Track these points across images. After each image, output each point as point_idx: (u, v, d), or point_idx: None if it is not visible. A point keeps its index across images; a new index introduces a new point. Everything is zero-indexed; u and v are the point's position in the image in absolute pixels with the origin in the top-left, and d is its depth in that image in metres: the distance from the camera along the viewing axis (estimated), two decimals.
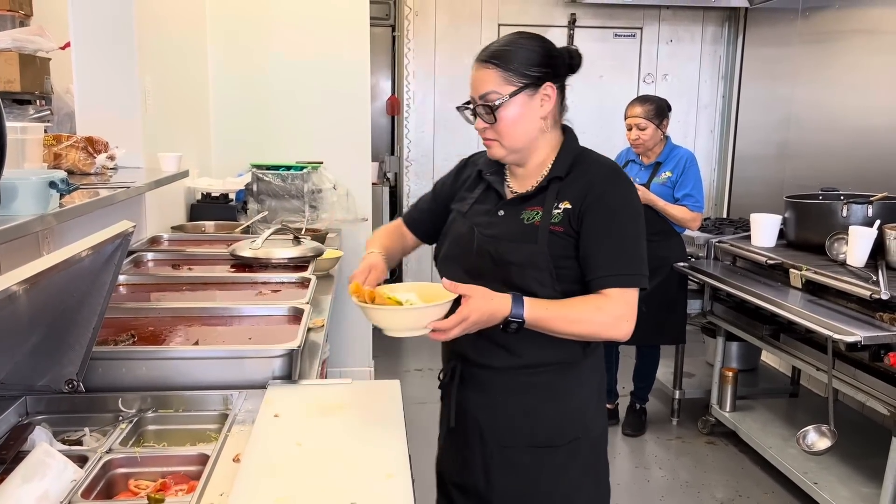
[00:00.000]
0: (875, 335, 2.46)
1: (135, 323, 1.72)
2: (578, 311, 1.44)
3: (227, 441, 1.27)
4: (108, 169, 2.44)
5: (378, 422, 1.34)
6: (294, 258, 2.41)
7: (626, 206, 1.49)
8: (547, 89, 1.51)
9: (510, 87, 1.48)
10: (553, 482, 1.57)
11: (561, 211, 1.49)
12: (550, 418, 1.56)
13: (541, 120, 1.52)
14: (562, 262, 1.47)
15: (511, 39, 1.54)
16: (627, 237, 1.48)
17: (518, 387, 1.55)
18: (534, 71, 1.50)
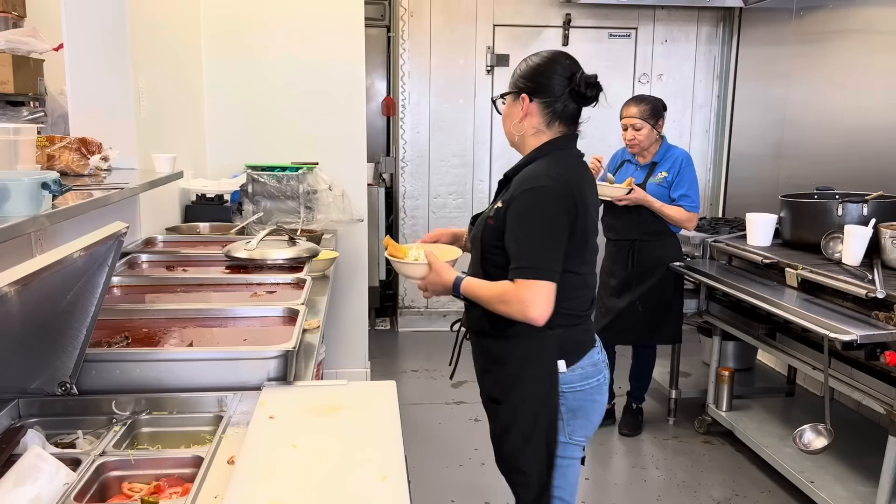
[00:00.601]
0: (871, 334, 2.46)
1: (129, 324, 1.71)
2: (490, 293, 1.78)
3: (221, 443, 1.26)
4: (101, 170, 2.42)
5: (374, 423, 1.33)
6: (289, 259, 2.40)
7: (531, 211, 1.73)
8: (524, 101, 1.81)
9: (506, 90, 1.89)
10: (499, 436, 1.94)
11: (496, 207, 1.82)
12: (493, 379, 1.92)
13: (520, 123, 1.84)
14: (491, 249, 1.82)
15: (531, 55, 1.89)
16: (533, 237, 1.73)
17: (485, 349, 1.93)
18: (519, 84, 1.84)
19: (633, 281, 3.54)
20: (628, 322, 3.58)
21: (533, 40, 5.25)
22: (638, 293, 3.54)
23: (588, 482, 3.31)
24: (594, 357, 1.89)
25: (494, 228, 1.80)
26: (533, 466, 1.87)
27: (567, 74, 1.80)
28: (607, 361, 1.96)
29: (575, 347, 1.85)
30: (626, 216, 3.52)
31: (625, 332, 3.63)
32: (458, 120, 5.27)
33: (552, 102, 1.80)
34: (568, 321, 1.81)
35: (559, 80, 1.79)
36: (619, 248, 3.59)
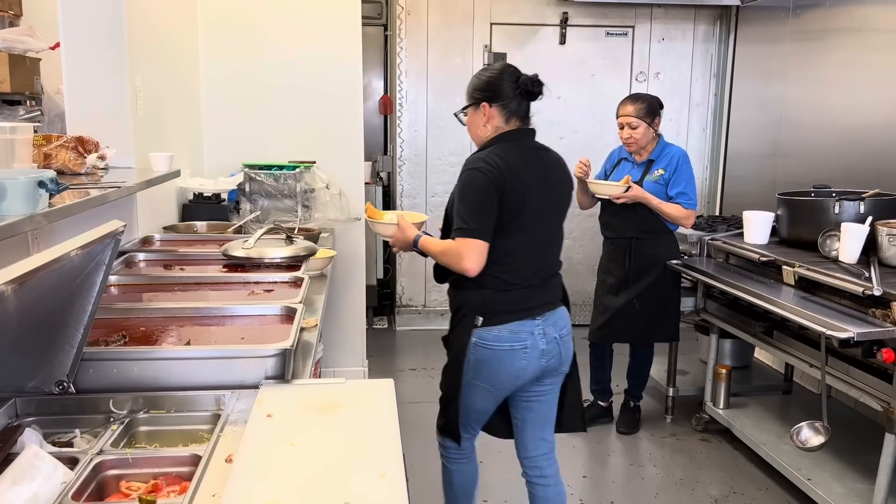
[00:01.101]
0: (868, 331, 2.46)
1: (126, 323, 1.71)
2: (437, 248, 2.19)
3: (219, 441, 1.26)
4: (98, 169, 2.42)
5: (372, 421, 1.33)
6: (287, 258, 2.40)
7: (467, 186, 2.13)
8: (484, 108, 2.20)
9: (465, 103, 2.27)
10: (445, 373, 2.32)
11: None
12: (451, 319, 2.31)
13: (484, 126, 2.23)
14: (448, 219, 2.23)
15: (478, 71, 2.31)
16: (467, 206, 2.11)
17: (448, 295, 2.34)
18: (477, 95, 2.23)
19: (631, 279, 3.55)
20: (626, 320, 3.58)
21: (530, 39, 5.26)
22: (635, 291, 3.54)
23: (586, 480, 3.31)
24: (518, 330, 2.18)
25: (451, 203, 2.22)
26: (447, 384, 2.30)
27: (514, 79, 2.21)
28: (544, 348, 2.22)
29: (497, 310, 2.17)
30: (623, 214, 3.52)
31: (622, 330, 3.63)
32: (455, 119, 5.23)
33: (508, 104, 2.21)
34: (495, 285, 2.17)
35: (509, 85, 2.20)
36: (616, 247, 3.59)
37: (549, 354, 2.23)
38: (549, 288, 2.28)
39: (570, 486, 3.25)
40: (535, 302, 2.22)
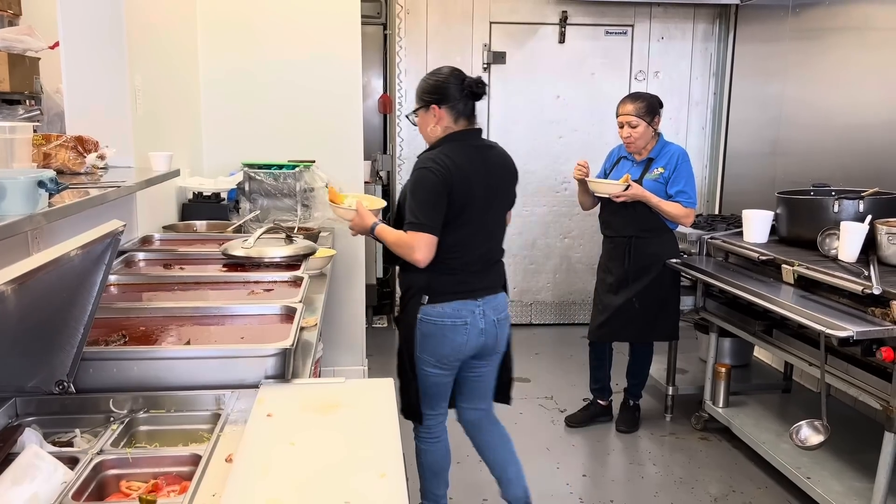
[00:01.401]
0: (867, 330, 2.46)
1: (126, 323, 1.71)
2: (392, 238, 2.37)
3: (219, 441, 1.26)
4: (98, 168, 2.42)
5: (372, 421, 1.33)
6: (286, 257, 2.41)
7: (417, 184, 2.33)
8: (434, 110, 2.38)
9: (415, 107, 2.45)
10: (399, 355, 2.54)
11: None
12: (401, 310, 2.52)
13: (435, 127, 2.41)
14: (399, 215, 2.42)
15: (425, 76, 2.48)
16: (416, 202, 2.31)
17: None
18: (426, 98, 2.40)
19: (630, 278, 3.55)
20: (625, 319, 3.58)
21: (529, 38, 5.25)
22: (635, 290, 3.54)
23: (585, 479, 3.31)
24: (460, 307, 2.42)
25: (404, 197, 2.41)
26: (403, 364, 2.51)
27: (459, 82, 2.38)
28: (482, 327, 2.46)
29: (441, 290, 2.40)
30: (622, 213, 3.52)
31: (622, 329, 3.63)
32: None
33: (455, 105, 2.38)
34: (440, 269, 2.37)
35: (456, 87, 2.37)
36: (615, 245, 3.59)
37: (488, 334, 2.48)
38: (492, 274, 2.53)
39: (570, 484, 3.25)
40: (477, 286, 2.46)
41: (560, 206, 5.43)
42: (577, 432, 3.78)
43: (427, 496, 2.77)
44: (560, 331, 5.47)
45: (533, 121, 5.34)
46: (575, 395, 4.16)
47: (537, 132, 5.35)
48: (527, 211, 5.44)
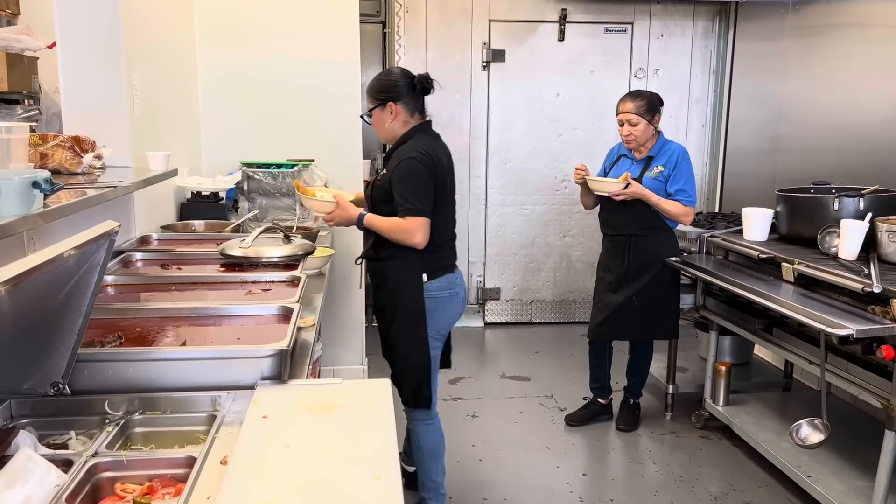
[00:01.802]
0: (867, 328, 2.46)
1: (122, 324, 1.70)
2: (388, 225, 2.54)
3: (214, 443, 1.26)
4: (95, 168, 2.41)
5: (368, 422, 1.32)
6: (284, 257, 2.40)
7: (405, 174, 2.51)
8: (391, 107, 2.57)
9: (370, 106, 2.62)
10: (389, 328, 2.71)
11: (383, 174, 2.60)
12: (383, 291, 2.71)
13: (392, 123, 2.60)
14: (378, 203, 2.60)
15: (376, 76, 2.66)
16: (409, 189, 2.50)
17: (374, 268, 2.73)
18: (381, 96, 2.58)
19: (630, 276, 3.54)
20: (625, 318, 3.57)
21: (529, 36, 5.24)
22: (634, 289, 3.54)
23: (585, 478, 3.31)
24: (451, 279, 2.69)
25: (381, 189, 2.58)
26: (411, 349, 2.65)
27: (409, 79, 2.58)
28: (463, 296, 2.78)
29: (434, 267, 2.63)
30: (621, 211, 3.51)
31: (621, 327, 3.62)
32: (454, 116, 5.25)
33: (409, 101, 2.58)
34: (430, 249, 2.56)
35: (406, 84, 2.57)
36: (615, 244, 3.58)
37: (465, 301, 2.82)
38: (455, 249, 2.80)
39: (570, 483, 3.25)
40: (453, 260, 2.76)
41: (560, 205, 5.42)
42: (577, 431, 3.77)
43: (426, 486, 2.84)
44: (560, 329, 5.47)
45: (533, 119, 5.33)
46: (575, 393, 4.15)
47: (537, 130, 5.34)
48: (527, 209, 5.44)
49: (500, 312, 5.49)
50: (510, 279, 5.51)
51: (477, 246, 5.44)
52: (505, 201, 5.42)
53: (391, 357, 2.76)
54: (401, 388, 2.72)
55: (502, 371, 4.54)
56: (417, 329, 2.64)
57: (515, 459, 3.44)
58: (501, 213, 5.43)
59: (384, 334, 2.78)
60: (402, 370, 2.71)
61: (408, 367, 2.69)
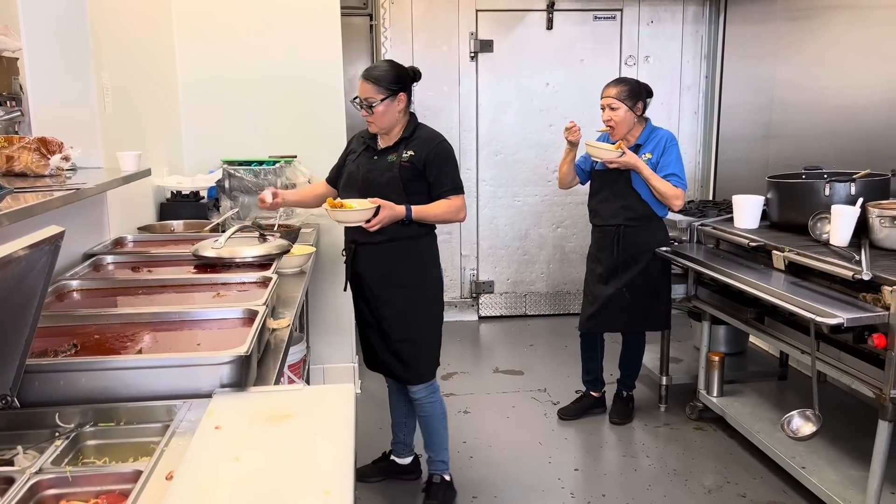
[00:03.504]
0: (858, 316, 2.40)
1: (80, 331, 1.65)
2: (437, 208, 2.67)
3: (162, 456, 1.20)
4: (63, 170, 2.35)
5: (324, 432, 1.26)
6: (259, 257, 2.34)
7: (445, 155, 2.70)
8: (401, 97, 2.66)
9: (382, 96, 2.62)
10: (408, 309, 2.77)
11: (408, 155, 2.67)
12: (405, 270, 2.75)
13: (399, 113, 2.68)
14: (409, 182, 2.66)
15: (384, 66, 2.72)
16: (451, 169, 2.70)
17: (385, 253, 2.73)
18: (393, 87, 2.63)
19: (620, 267, 3.48)
20: (616, 309, 3.52)
21: (517, 25, 5.17)
22: (625, 280, 3.48)
23: (577, 473, 3.26)
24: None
25: (412, 171, 2.66)
26: (436, 320, 2.85)
27: (408, 70, 2.71)
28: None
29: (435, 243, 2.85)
30: (610, 201, 3.46)
31: (613, 319, 3.57)
32: (443, 107, 5.19)
33: (409, 91, 2.71)
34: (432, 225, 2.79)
35: (407, 75, 2.69)
36: (604, 235, 3.52)
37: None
38: None
39: (562, 479, 3.20)
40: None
41: (552, 196, 5.36)
42: (570, 425, 3.72)
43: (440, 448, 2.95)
44: (555, 321, 5.41)
45: (522, 109, 5.26)
46: (569, 386, 4.10)
47: (527, 121, 5.27)
48: (518, 201, 5.37)
49: (494, 306, 5.43)
50: (503, 272, 5.45)
51: (469, 239, 5.38)
52: (496, 193, 5.36)
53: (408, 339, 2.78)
54: (415, 366, 2.80)
55: (496, 365, 4.49)
56: (439, 299, 2.85)
57: (507, 455, 3.40)
58: (493, 205, 5.36)
59: (395, 320, 2.77)
60: (424, 347, 2.79)
61: (433, 340, 2.82)
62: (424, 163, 2.65)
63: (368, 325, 2.88)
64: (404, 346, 2.79)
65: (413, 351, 2.79)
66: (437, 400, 2.91)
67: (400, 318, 2.78)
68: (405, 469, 3.15)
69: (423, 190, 2.68)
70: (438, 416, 2.91)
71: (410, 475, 3.15)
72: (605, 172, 3.45)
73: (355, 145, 2.88)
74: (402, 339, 2.78)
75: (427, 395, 2.87)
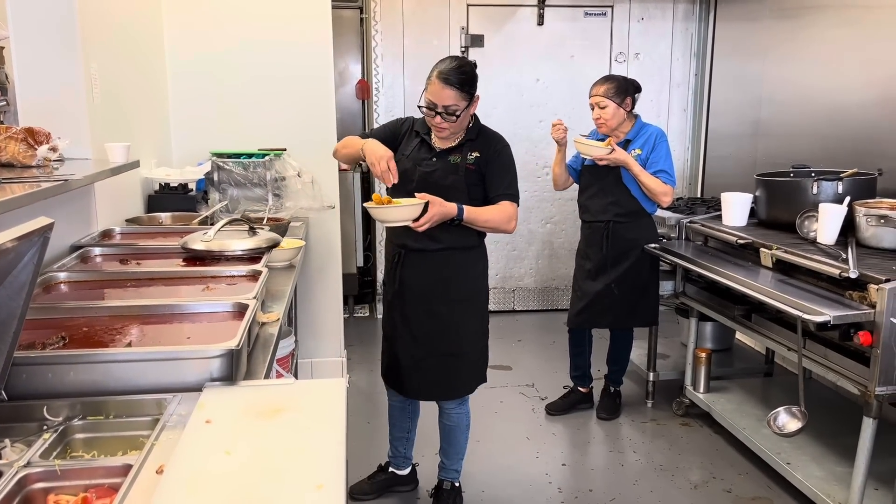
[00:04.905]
0: (844, 314, 2.42)
1: (69, 323, 1.63)
2: (489, 212, 2.50)
3: (153, 450, 1.19)
4: (51, 161, 2.33)
5: (316, 426, 1.26)
6: (248, 250, 2.32)
7: (508, 157, 2.56)
8: (477, 99, 2.49)
9: (464, 102, 2.43)
10: (459, 323, 2.63)
11: (474, 157, 2.51)
12: (460, 282, 2.61)
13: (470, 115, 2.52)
14: (472, 186, 2.51)
15: (464, 67, 2.45)
16: (510, 174, 2.54)
17: (439, 262, 2.58)
18: (473, 90, 2.45)
19: (609, 263, 3.49)
20: (604, 305, 3.53)
21: (507, 20, 5.16)
22: (613, 276, 3.49)
23: (565, 468, 3.27)
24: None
25: (475, 174, 2.51)
26: (475, 349, 2.70)
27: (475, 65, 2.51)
28: None
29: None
30: (599, 197, 3.46)
31: (601, 315, 3.58)
32: None
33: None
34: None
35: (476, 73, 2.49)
36: (593, 231, 3.53)
37: None
38: None
39: (549, 474, 3.21)
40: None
41: (542, 192, 5.37)
42: (558, 420, 3.74)
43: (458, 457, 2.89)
44: (543, 317, 5.43)
45: (512, 105, 5.26)
46: (557, 381, 4.11)
47: (517, 116, 5.27)
48: None
49: None
50: (492, 267, 5.41)
51: None
52: None
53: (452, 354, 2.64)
54: (455, 381, 2.69)
55: None
56: (487, 313, 2.74)
57: (494, 450, 3.40)
58: None
59: (444, 331, 2.62)
60: (470, 362, 2.69)
61: (479, 356, 2.72)
62: (487, 164, 2.50)
63: (398, 337, 2.70)
64: (448, 360, 2.64)
65: (456, 365, 2.66)
66: (465, 411, 2.81)
67: (445, 332, 2.62)
68: (403, 480, 3.04)
69: (484, 196, 2.54)
70: (463, 427, 2.83)
71: (408, 486, 3.04)
72: (594, 169, 3.46)
73: (407, 134, 2.62)
74: (446, 354, 2.64)
75: (457, 407, 2.78)
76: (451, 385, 2.72)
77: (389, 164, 2.37)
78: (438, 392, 2.75)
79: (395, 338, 2.73)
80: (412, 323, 2.66)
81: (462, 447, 2.88)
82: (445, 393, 2.74)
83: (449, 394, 2.74)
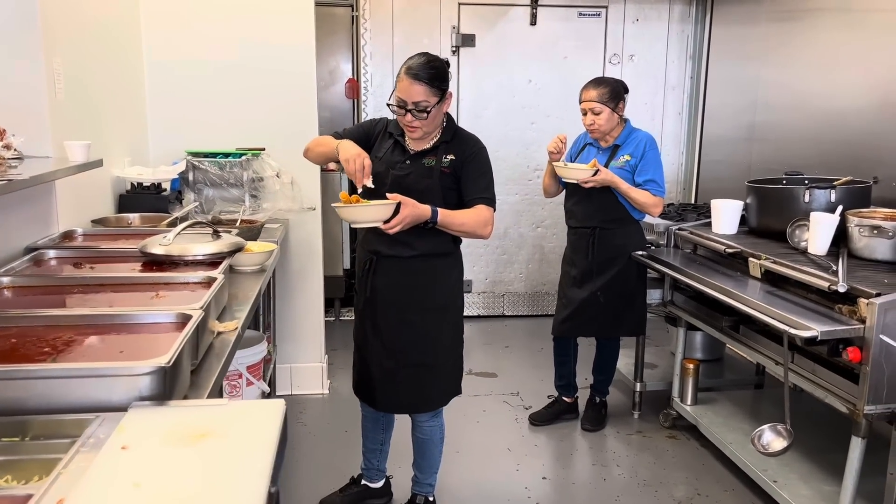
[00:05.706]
0: (832, 329, 2.31)
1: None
2: (464, 216, 2.41)
3: (58, 478, 1.09)
4: (5, 159, 2.23)
5: (241, 455, 1.16)
6: (210, 255, 2.22)
7: (484, 162, 2.48)
8: (449, 96, 2.41)
9: (435, 98, 2.35)
10: (432, 332, 2.54)
11: (449, 160, 2.43)
12: (435, 290, 2.53)
13: (443, 115, 2.45)
14: (447, 190, 2.43)
15: (434, 63, 2.36)
16: (486, 178, 2.47)
17: (413, 269, 2.48)
18: (444, 86, 2.36)
19: (595, 270, 3.39)
20: (590, 313, 3.43)
21: (499, 19, 5.06)
22: (599, 283, 3.39)
23: (545, 481, 3.17)
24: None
25: (450, 177, 2.43)
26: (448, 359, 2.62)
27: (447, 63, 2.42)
28: None
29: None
30: (586, 202, 3.36)
31: (586, 323, 3.48)
32: None
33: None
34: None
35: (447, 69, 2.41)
36: (579, 237, 3.43)
37: None
38: None
39: (528, 488, 3.11)
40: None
41: (532, 195, 5.26)
42: (541, 431, 3.63)
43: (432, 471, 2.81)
44: (532, 322, 5.32)
45: (504, 106, 5.16)
46: (542, 390, 4.01)
47: (509, 118, 5.17)
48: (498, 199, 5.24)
49: (472, 306, 5.33)
50: (482, 271, 5.35)
51: None
52: None
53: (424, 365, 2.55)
54: (428, 393, 2.61)
55: (469, 367, 4.38)
56: (461, 323, 2.66)
57: (473, 462, 3.30)
58: None
59: (416, 341, 2.53)
60: (443, 373, 2.61)
61: (453, 367, 2.65)
62: (462, 166, 2.42)
63: (370, 347, 2.60)
64: (419, 371, 2.55)
65: (429, 377, 2.57)
66: (439, 424, 2.73)
67: (419, 342, 2.54)
68: (376, 493, 2.93)
69: (459, 200, 2.45)
70: (437, 441, 2.75)
71: (381, 499, 2.93)
72: None
73: (380, 136, 2.54)
74: (418, 364, 2.55)
75: (430, 419, 2.70)
76: (425, 397, 2.63)
77: (365, 162, 2.29)
78: (411, 405, 2.65)
79: (365, 348, 2.63)
80: (384, 333, 2.57)
81: (436, 461, 2.79)
82: (418, 406, 2.65)
83: (422, 406, 2.65)
